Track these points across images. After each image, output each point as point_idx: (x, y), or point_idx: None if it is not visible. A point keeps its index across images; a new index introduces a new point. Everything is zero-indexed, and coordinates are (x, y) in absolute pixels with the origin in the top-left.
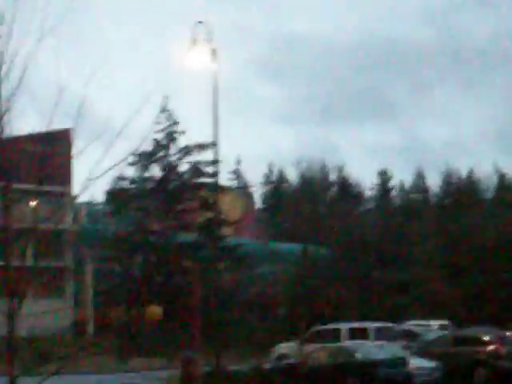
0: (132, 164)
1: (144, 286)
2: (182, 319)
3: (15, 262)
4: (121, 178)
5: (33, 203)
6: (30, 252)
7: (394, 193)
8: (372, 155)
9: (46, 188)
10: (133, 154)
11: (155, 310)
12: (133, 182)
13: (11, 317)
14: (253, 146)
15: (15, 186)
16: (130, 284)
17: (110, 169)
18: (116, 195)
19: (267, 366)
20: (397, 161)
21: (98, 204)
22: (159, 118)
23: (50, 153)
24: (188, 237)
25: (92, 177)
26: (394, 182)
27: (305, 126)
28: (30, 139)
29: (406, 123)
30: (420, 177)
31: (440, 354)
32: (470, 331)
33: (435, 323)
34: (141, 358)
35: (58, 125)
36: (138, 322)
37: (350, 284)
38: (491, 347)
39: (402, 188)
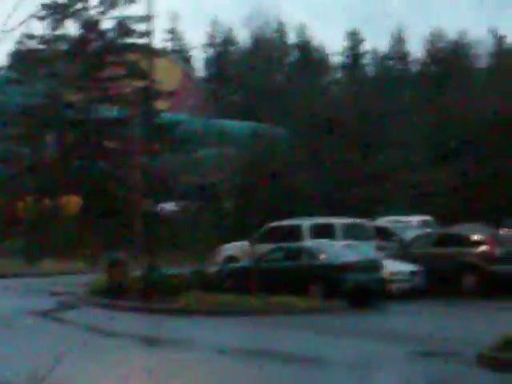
0: (42, 18)
1: (59, 171)
2: (105, 213)
3: None
4: (28, 37)
5: None
6: None
7: (366, 60)
8: (339, 13)
9: None
10: (43, 5)
11: (73, 201)
12: (44, 41)
13: None
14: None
15: None
16: (42, 169)
17: (19, 24)
18: (22, 58)
19: (212, 269)
20: (370, 20)
21: None
22: None
23: None
24: (113, 111)
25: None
26: (366, 47)
27: None
28: None
29: None
30: (398, 40)
31: (421, 256)
32: (457, 229)
33: (415, 219)
34: (55, 260)
35: None
36: (51, 216)
37: (313, 172)
38: (482, 248)
39: (376, 54)
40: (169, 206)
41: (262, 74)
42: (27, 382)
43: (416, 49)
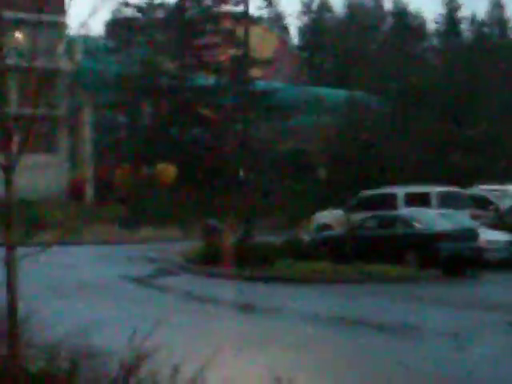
0: None
1: (155, 139)
2: (201, 182)
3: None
4: (124, 4)
5: (20, 35)
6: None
7: (463, 26)
8: None
9: (38, 17)
10: None
11: (169, 170)
12: (139, 9)
13: (9, 172)
14: None
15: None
16: (138, 137)
17: None
18: (119, 27)
19: (306, 237)
20: None
21: (96, 38)
22: None
23: None
24: (209, 79)
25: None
26: (463, 13)
27: None
28: None
29: None
30: (497, 6)
31: None
32: None
33: None
34: (151, 228)
35: None
36: (147, 184)
37: (409, 141)
38: None
39: (474, 20)
40: None
41: (357, 41)
42: (127, 347)
43: None
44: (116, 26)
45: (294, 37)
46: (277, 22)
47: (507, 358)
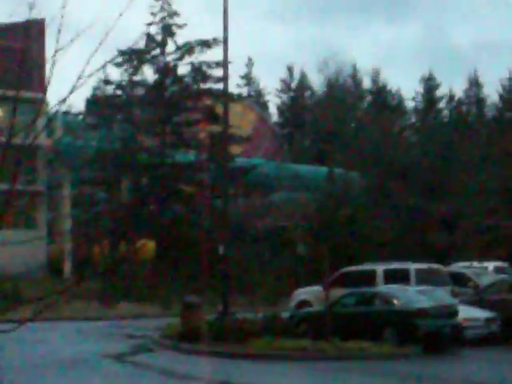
0: (119, 65)
1: (134, 215)
2: (180, 257)
3: None
4: (105, 82)
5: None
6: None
7: (441, 105)
8: (414, 57)
9: (17, 93)
10: (120, 51)
11: (148, 246)
12: (120, 87)
13: None
14: (268, 45)
15: None
16: (117, 213)
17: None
18: (99, 103)
19: (285, 314)
20: (444, 65)
21: (76, 114)
22: (154, 7)
23: (21, 48)
24: (188, 156)
25: (79, 78)
26: (441, 91)
27: (334, 20)
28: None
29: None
30: (474, 84)
31: (496, 302)
32: None
33: (491, 265)
34: (130, 304)
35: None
36: (126, 260)
37: (387, 217)
38: None
39: (451, 98)
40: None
41: (336, 119)
42: None
43: (491, 93)
44: (96, 102)
45: (274, 114)
46: (256, 99)
47: None
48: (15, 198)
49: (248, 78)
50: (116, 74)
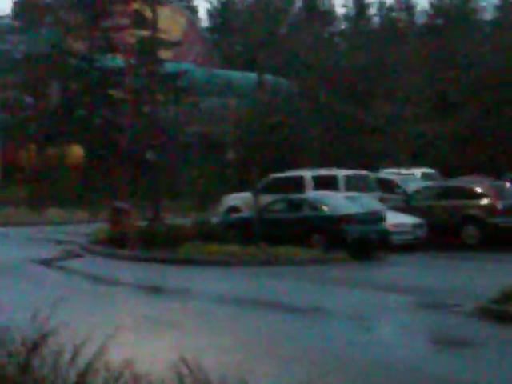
0: None
1: (62, 120)
2: (109, 163)
3: None
4: None
5: None
6: None
7: (372, 11)
8: None
9: None
10: None
11: (76, 151)
12: None
13: None
14: None
15: None
16: (45, 118)
17: None
18: (27, 6)
19: (214, 220)
20: None
21: (3, 17)
22: None
23: None
24: (117, 60)
25: None
26: None
27: None
28: None
29: None
30: None
31: (423, 208)
32: (460, 181)
33: (418, 171)
34: (57, 209)
35: None
36: (54, 166)
37: (316, 123)
38: (485, 201)
39: (382, 5)
40: None
41: (266, 24)
42: (29, 327)
43: (422, 0)
44: (23, 5)
45: (204, 19)
46: (186, 3)
47: (411, 338)
48: None
49: None
50: None
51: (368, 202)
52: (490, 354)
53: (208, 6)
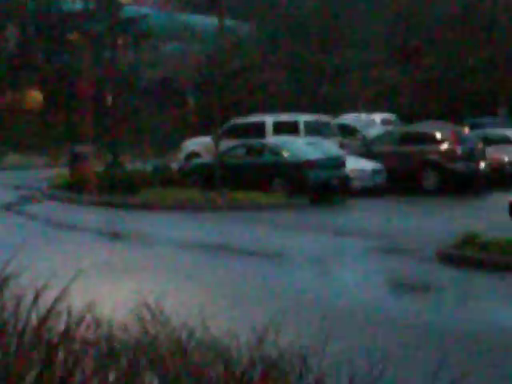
0: None
1: (20, 65)
2: (68, 108)
3: None
4: None
5: None
6: None
7: None
8: None
9: None
10: None
11: (35, 96)
12: None
13: None
14: None
15: None
16: (3, 62)
17: None
18: None
19: (174, 165)
20: None
21: None
22: None
23: None
24: (75, 4)
25: None
26: None
27: None
28: None
29: None
30: None
31: (383, 153)
32: (419, 127)
33: (378, 117)
34: (17, 155)
35: None
36: (12, 111)
37: (278, 68)
38: (444, 146)
39: None
40: None
41: None
42: None
43: None
44: None
45: None
46: None
47: (371, 282)
48: None
49: None
50: None
51: (329, 147)
52: (449, 298)
53: None
